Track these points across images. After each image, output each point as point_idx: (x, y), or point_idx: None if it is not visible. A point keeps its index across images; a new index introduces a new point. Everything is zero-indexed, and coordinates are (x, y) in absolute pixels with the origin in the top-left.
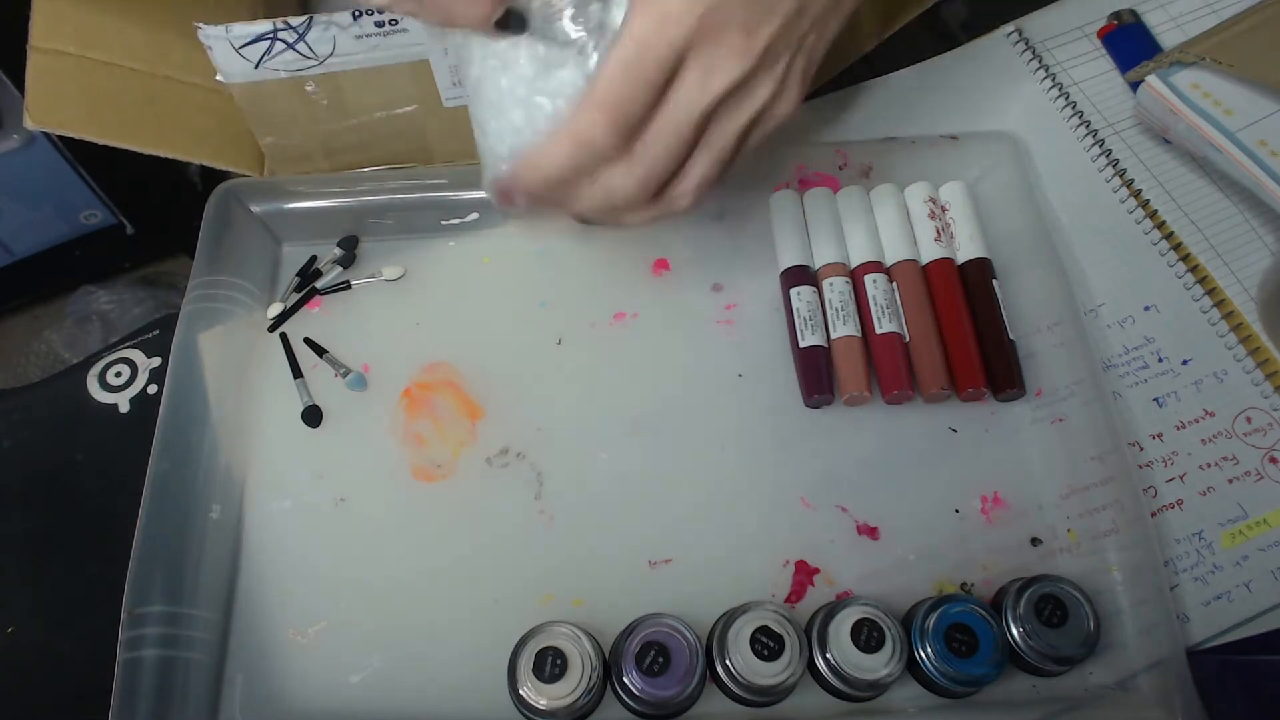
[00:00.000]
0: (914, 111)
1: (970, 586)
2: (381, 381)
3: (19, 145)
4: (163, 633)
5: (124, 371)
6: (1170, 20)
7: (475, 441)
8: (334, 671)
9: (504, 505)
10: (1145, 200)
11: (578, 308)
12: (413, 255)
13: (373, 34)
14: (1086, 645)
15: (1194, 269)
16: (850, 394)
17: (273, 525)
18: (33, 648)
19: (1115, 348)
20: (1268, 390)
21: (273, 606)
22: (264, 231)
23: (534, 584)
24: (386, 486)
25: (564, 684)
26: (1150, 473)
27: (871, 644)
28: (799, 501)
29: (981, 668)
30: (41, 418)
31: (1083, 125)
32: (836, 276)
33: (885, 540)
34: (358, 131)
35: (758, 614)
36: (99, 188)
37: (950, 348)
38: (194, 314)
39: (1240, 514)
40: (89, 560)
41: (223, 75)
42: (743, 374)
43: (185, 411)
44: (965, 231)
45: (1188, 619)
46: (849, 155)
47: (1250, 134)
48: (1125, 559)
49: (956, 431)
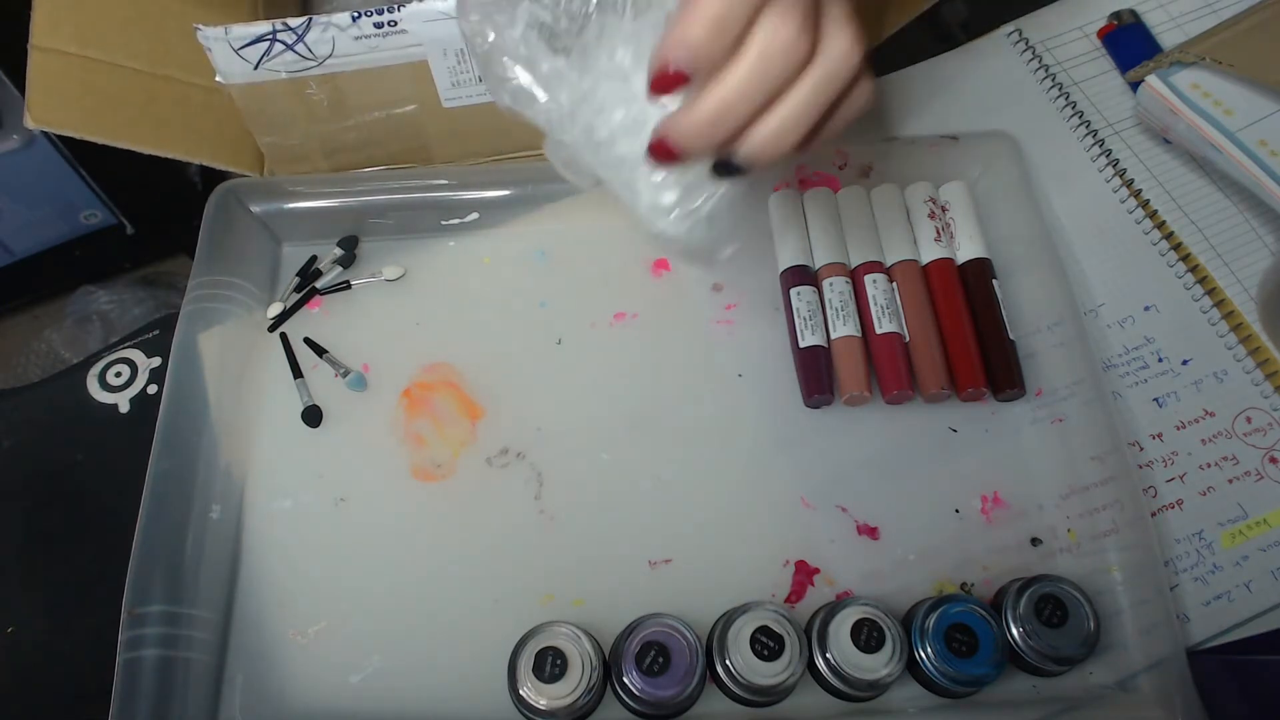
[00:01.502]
0: (914, 111)
1: (970, 586)
2: (381, 381)
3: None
4: (163, 633)
5: (124, 371)
6: (1170, 20)
7: (475, 441)
8: (334, 671)
9: (504, 505)
10: (1145, 200)
11: (578, 308)
12: (413, 255)
13: (371, 35)
14: (1086, 645)
15: (1194, 269)
16: (850, 394)
17: (273, 525)
18: (33, 648)
19: (1115, 348)
20: (1268, 390)
21: (273, 606)
22: (264, 231)
23: (534, 584)
24: (386, 486)
25: (564, 684)
26: (1150, 473)
27: (871, 644)
28: (799, 501)
29: (981, 668)
30: (41, 418)
31: (1083, 125)
32: (836, 276)
33: (885, 540)
34: (357, 132)
35: (758, 614)
36: (99, 188)
37: (950, 348)
38: (194, 314)
39: (1240, 514)
40: (89, 560)
41: (222, 76)
42: (743, 374)
43: (185, 411)
44: (965, 231)
45: (1188, 619)
46: (849, 155)
47: (1250, 134)
48: (1125, 559)
49: (956, 431)
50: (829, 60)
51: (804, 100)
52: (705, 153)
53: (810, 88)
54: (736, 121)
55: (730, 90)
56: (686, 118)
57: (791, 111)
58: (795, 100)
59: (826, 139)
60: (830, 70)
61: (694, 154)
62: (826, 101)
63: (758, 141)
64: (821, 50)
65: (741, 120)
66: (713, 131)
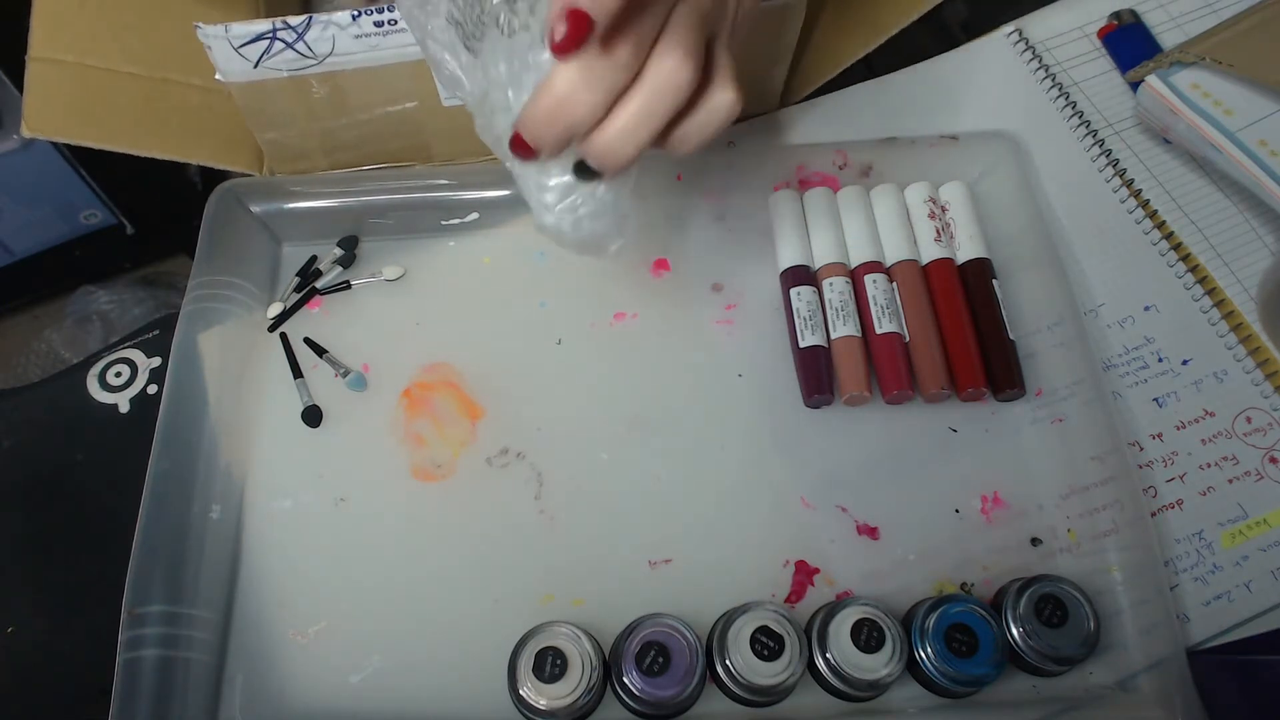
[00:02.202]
0: (914, 111)
1: (970, 586)
2: (381, 381)
3: (19, 145)
4: (163, 632)
5: (124, 371)
6: (1170, 20)
7: (475, 441)
8: (334, 671)
9: (504, 505)
10: (1145, 200)
11: (578, 308)
12: (413, 255)
13: (372, 33)
14: (1086, 645)
15: (1194, 269)
16: (850, 394)
17: (273, 525)
18: (33, 647)
19: (1115, 348)
20: (1268, 390)
21: (273, 606)
22: (264, 231)
23: (534, 584)
24: (386, 486)
25: (564, 684)
26: (1150, 473)
27: (871, 644)
28: (799, 501)
29: (981, 668)
30: (41, 418)
31: (1083, 125)
32: (836, 276)
33: (885, 540)
34: (357, 130)
35: (758, 614)
36: (99, 188)
37: (950, 348)
38: (194, 314)
39: (1240, 514)
40: (89, 560)
41: (221, 75)
42: (743, 374)
43: (185, 411)
44: (965, 231)
45: (1188, 619)
46: (849, 155)
47: (1250, 134)
48: (1125, 559)
49: (956, 431)
50: (656, 75)
51: (638, 108)
52: (553, 148)
53: (642, 97)
54: (572, 118)
55: (560, 86)
56: (527, 111)
57: (628, 118)
58: (630, 107)
59: (682, 151)
60: (658, 85)
61: (543, 148)
62: (663, 112)
63: (599, 144)
64: (649, 66)
65: (578, 118)
66: (551, 126)
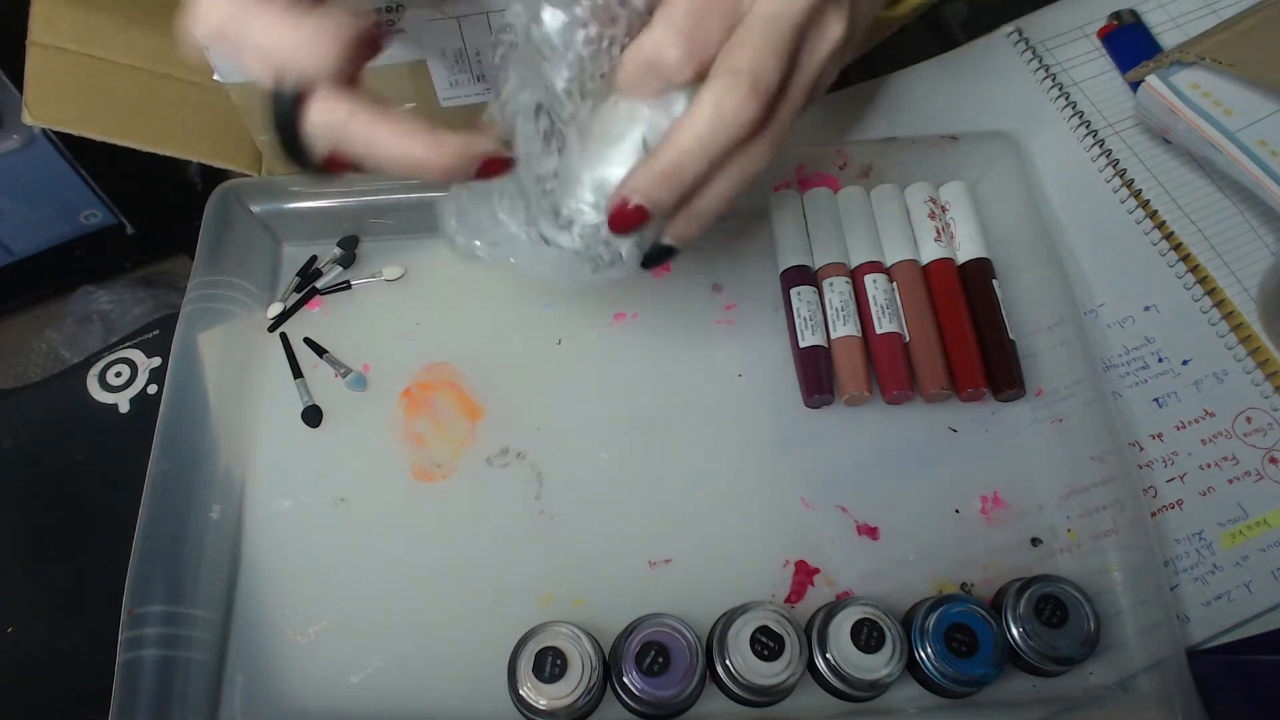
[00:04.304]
0: (914, 111)
1: (970, 586)
2: (381, 381)
3: (19, 145)
4: (163, 633)
5: (124, 371)
6: (1170, 20)
7: (475, 441)
8: (334, 671)
9: (504, 505)
10: (1145, 200)
11: (578, 308)
12: (413, 255)
13: None
14: (1086, 645)
15: (1194, 269)
16: (850, 394)
17: (273, 525)
18: (33, 647)
19: (1115, 348)
20: (1268, 390)
21: (273, 606)
22: (264, 231)
23: (534, 584)
24: (386, 486)
25: (564, 684)
26: (1150, 473)
27: (871, 644)
28: (799, 501)
29: (981, 668)
30: (41, 418)
31: (1083, 125)
32: (837, 276)
33: (885, 540)
34: None
35: (758, 614)
36: (99, 188)
37: (950, 348)
38: (194, 314)
39: (1240, 514)
40: (89, 560)
41: (220, 74)
42: (743, 374)
43: (185, 411)
44: (965, 231)
45: (1188, 619)
46: (849, 155)
47: (1250, 134)
48: (1125, 559)
49: (956, 431)
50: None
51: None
52: (666, 207)
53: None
54: (692, 176)
55: (684, 144)
56: (644, 170)
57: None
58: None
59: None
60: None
61: (658, 208)
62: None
63: (697, 213)
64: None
65: (695, 175)
66: (671, 183)
